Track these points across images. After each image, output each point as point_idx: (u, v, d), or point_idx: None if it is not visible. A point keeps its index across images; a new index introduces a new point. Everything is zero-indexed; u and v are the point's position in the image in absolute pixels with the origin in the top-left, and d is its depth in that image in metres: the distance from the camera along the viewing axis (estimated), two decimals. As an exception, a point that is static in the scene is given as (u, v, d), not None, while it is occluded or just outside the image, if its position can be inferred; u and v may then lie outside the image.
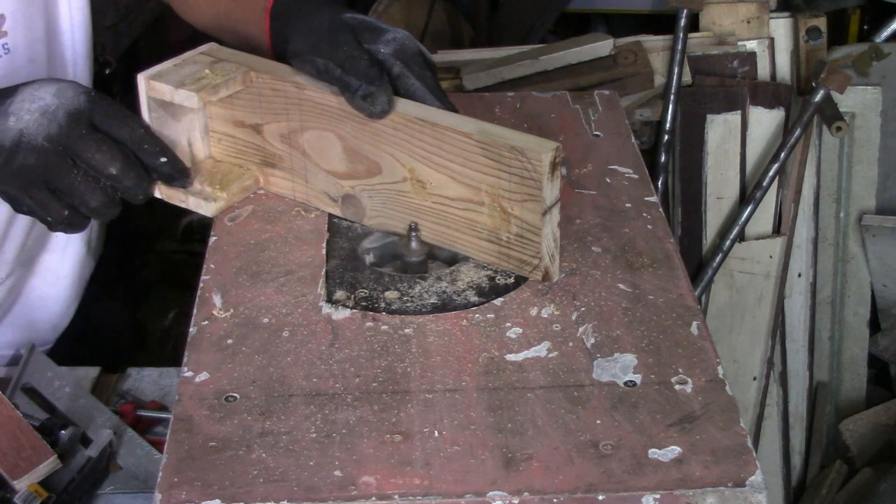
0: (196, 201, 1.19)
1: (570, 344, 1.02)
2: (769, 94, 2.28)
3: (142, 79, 1.16)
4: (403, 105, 1.10)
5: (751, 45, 2.30)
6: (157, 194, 1.20)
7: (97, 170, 1.08)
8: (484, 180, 1.06)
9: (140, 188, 1.11)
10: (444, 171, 1.09)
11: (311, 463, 0.89)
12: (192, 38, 4.20)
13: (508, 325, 1.04)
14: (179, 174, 1.15)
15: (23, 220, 1.39)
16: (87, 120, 1.08)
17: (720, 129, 2.28)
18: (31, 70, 1.32)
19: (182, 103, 1.15)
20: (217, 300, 1.08)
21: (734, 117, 2.27)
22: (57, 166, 1.07)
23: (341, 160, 1.16)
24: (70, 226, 1.11)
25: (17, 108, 1.09)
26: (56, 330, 1.53)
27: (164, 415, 1.28)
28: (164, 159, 1.12)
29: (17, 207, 1.11)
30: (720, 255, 2.28)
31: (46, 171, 1.07)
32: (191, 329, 1.05)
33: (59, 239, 1.48)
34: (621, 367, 0.99)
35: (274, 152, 1.21)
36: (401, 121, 1.10)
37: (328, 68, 1.11)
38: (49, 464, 1.09)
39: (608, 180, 1.26)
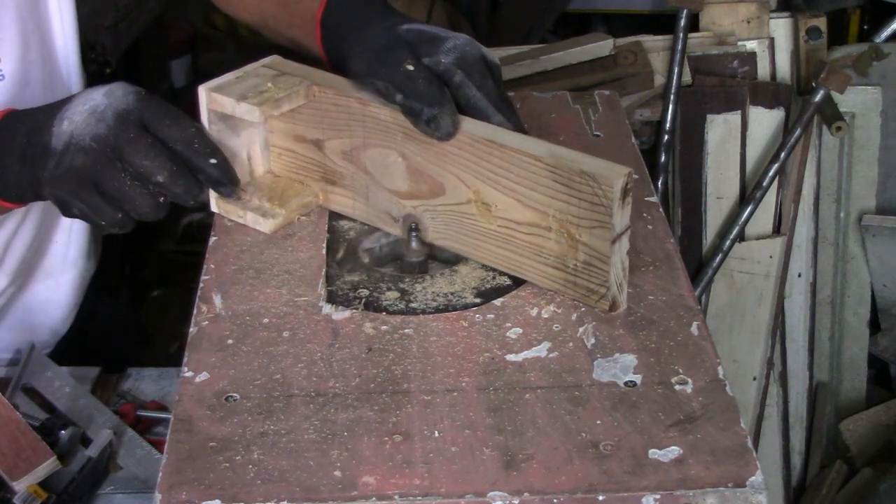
0: (254, 217, 1.17)
1: (571, 344, 1.02)
2: (769, 94, 2.28)
3: (203, 91, 1.14)
4: (470, 125, 1.07)
5: (751, 45, 2.30)
6: (215, 208, 1.19)
7: (144, 176, 1.05)
8: (552, 205, 1.03)
9: (190, 194, 1.08)
10: (510, 195, 1.05)
11: (311, 463, 0.89)
12: (192, 37, 4.18)
13: (508, 325, 1.04)
14: (228, 180, 1.11)
15: (26, 232, 1.39)
16: (137, 121, 1.06)
17: (720, 129, 2.28)
18: (27, 93, 1.31)
19: (243, 117, 1.13)
20: (217, 300, 1.08)
21: (734, 117, 2.27)
22: (105, 169, 1.05)
23: (404, 179, 1.13)
24: (122, 227, 1.09)
25: (71, 111, 1.07)
26: (56, 334, 1.52)
27: (164, 415, 1.28)
28: (213, 161, 1.08)
29: (67, 211, 1.09)
30: (720, 255, 2.28)
31: (95, 174, 1.05)
32: (191, 329, 1.04)
33: (59, 246, 1.47)
34: (621, 368, 0.99)
35: (335, 169, 1.18)
36: (467, 141, 1.06)
37: (388, 91, 1.08)
38: (48, 465, 1.09)
39: (608, 180, 1.26)
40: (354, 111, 1.13)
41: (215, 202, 1.19)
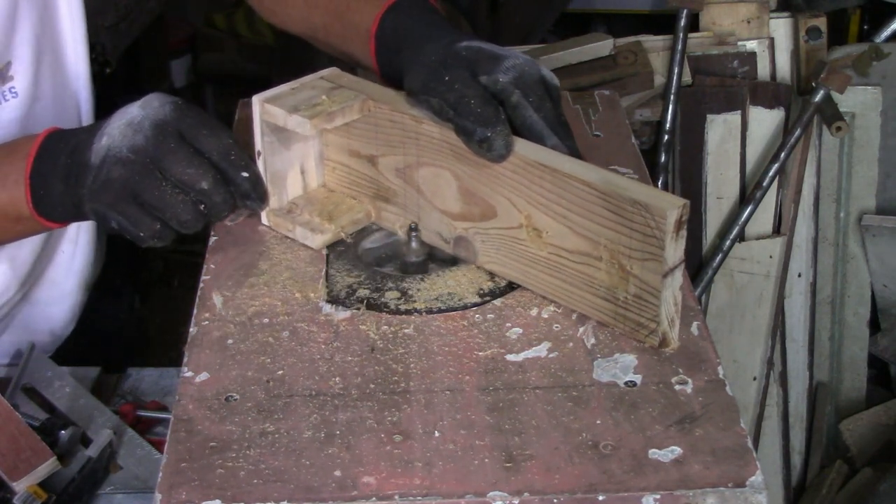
0: (303, 232, 1.15)
1: (571, 344, 1.02)
2: (769, 94, 2.28)
3: (256, 101, 1.12)
4: (523, 147, 1.04)
5: (751, 45, 2.30)
6: (265, 221, 1.18)
7: (187, 184, 1.04)
8: (603, 234, 0.99)
9: (226, 205, 1.07)
10: (562, 221, 1.02)
11: (311, 463, 0.89)
12: (192, 37, 4.18)
13: (509, 325, 1.04)
14: (257, 195, 1.09)
15: (33, 242, 1.37)
16: (175, 131, 1.05)
17: (720, 129, 2.27)
18: (38, 108, 1.30)
19: (294, 129, 1.10)
20: (217, 300, 1.08)
21: (734, 117, 2.27)
22: (144, 179, 1.03)
23: (456, 200, 1.10)
24: (161, 239, 1.07)
25: (110, 127, 1.07)
26: (58, 339, 1.52)
27: (164, 415, 1.28)
28: (245, 174, 1.07)
29: (106, 224, 1.07)
30: (720, 255, 2.28)
31: (133, 184, 1.04)
32: (191, 329, 1.04)
33: (65, 256, 1.46)
34: (621, 368, 0.99)
35: (388, 186, 1.16)
36: (520, 164, 1.03)
37: (442, 109, 1.05)
38: (48, 465, 1.09)
39: (608, 180, 1.25)
40: (408, 128, 1.11)
41: (265, 215, 1.17)
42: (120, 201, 1.05)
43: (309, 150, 1.19)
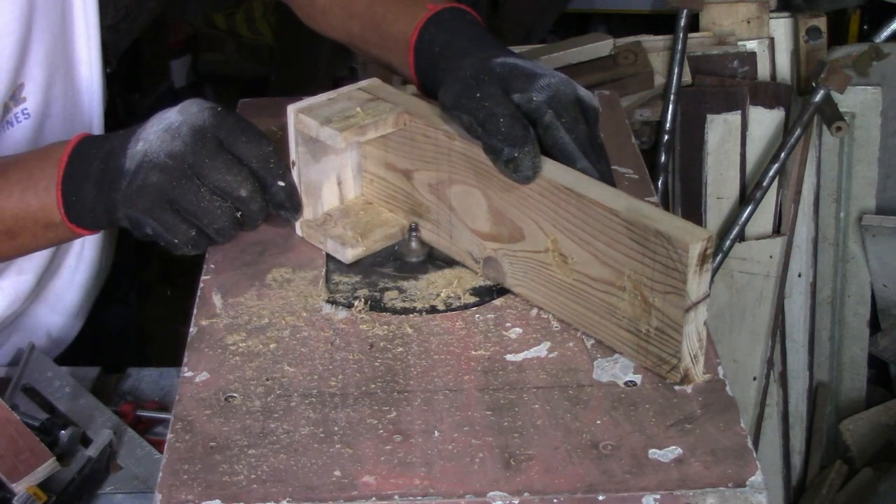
0: (334, 245, 1.14)
1: (571, 344, 1.02)
2: (769, 94, 2.28)
3: (291, 111, 1.10)
4: (551, 169, 1.01)
5: (751, 45, 2.30)
6: (299, 232, 1.17)
7: (225, 191, 1.03)
8: (627, 264, 0.96)
9: (262, 213, 1.06)
10: (587, 248, 0.99)
11: (311, 463, 0.89)
12: (192, 37, 4.17)
13: (508, 325, 1.04)
14: (291, 205, 1.08)
15: (38, 255, 1.38)
16: (214, 137, 1.04)
17: (720, 129, 2.28)
18: (47, 126, 1.30)
19: (326, 141, 1.09)
20: (217, 300, 1.08)
21: (734, 117, 2.27)
22: (181, 184, 1.02)
23: (486, 220, 1.08)
24: (195, 247, 1.06)
25: (146, 132, 1.06)
26: (59, 345, 1.51)
27: (164, 415, 1.28)
28: (281, 183, 1.06)
29: (139, 231, 1.06)
30: (720, 255, 2.29)
31: (170, 189, 1.02)
32: (191, 329, 1.04)
33: (70, 268, 1.46)
34: (621, 368, 0.99)
35: (422, 202, 1.14)
36: (547, 187, 1.00)
37: (472, 126, 1.03)
38: (47, 466, 1.09)
39: (608, 180, 1.25)
40: (441, 144, 1.09)
41: (299, 226, 1.16)
42: (156, 207, 1.03)
43: (346, 161, 1.18)
